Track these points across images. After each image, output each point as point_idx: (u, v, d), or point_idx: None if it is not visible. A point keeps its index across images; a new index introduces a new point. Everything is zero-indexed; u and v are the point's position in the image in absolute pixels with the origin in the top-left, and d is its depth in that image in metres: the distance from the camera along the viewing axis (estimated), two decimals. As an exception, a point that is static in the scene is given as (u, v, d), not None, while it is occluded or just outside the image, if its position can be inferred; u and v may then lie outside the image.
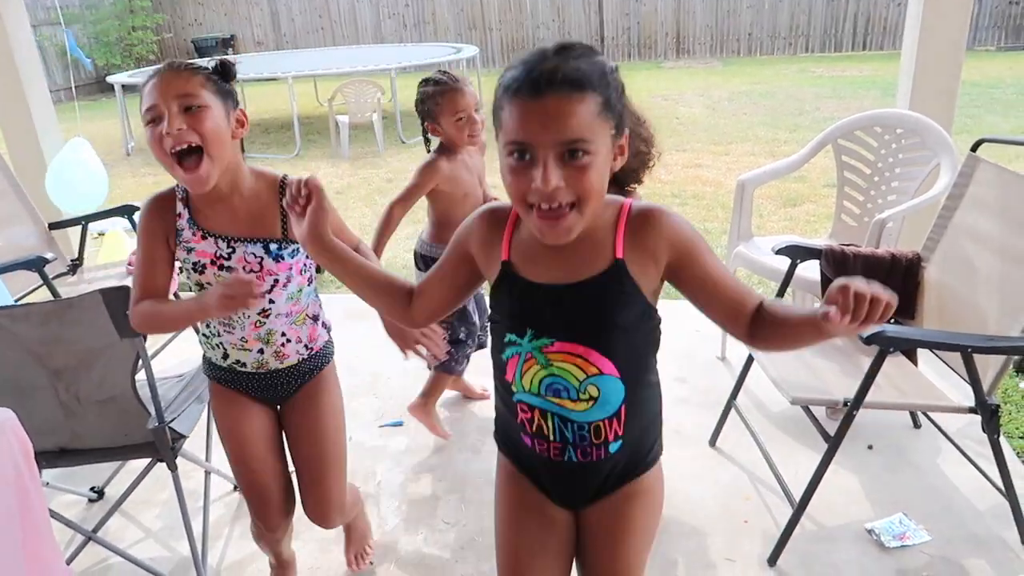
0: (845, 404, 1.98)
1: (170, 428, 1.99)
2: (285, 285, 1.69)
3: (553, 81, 1.04)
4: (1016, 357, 2.39)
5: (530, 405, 1.28)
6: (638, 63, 13.99)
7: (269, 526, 1.87)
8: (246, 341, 1.72)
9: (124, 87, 8.94)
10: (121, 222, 3.64)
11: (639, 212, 1.20)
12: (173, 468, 2.04)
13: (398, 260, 4.80)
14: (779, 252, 2.46)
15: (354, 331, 2.88)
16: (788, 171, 3.11)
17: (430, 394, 2.73)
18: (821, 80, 10.87)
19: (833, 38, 13.58)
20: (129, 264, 3.40)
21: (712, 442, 2.65)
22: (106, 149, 8.27)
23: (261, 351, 1.73)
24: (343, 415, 1.92)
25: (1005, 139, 2.37)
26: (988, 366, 2.01)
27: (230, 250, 1.63)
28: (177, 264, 1.68)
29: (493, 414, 1.50)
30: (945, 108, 3.12)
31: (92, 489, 2.55)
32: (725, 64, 13.13)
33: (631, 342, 1.23)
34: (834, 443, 2.01)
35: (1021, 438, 2.65)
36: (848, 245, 2.52)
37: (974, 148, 2.36)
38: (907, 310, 2.42)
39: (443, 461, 2.65)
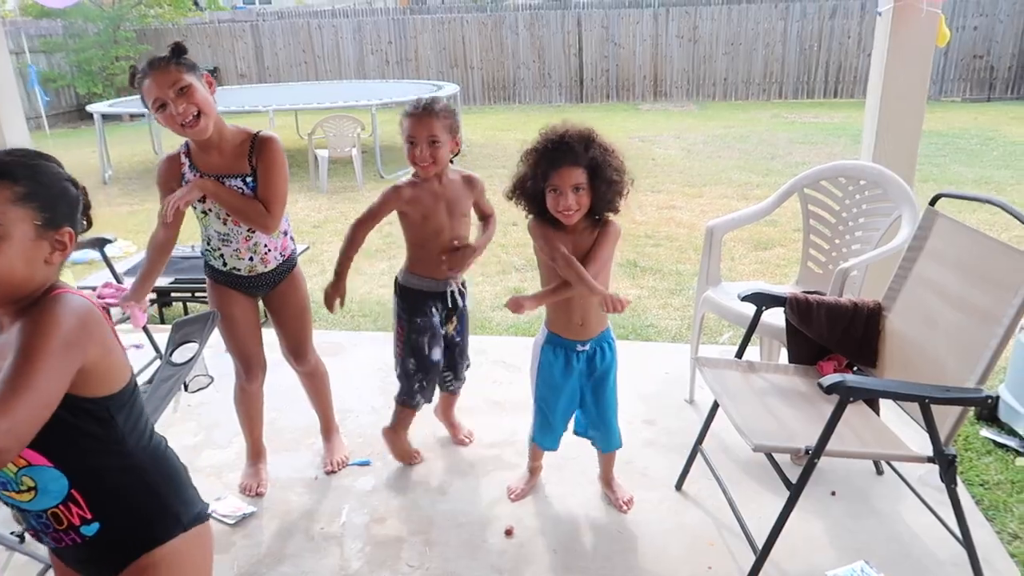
0: (807, 452, 1.99)
1: None
2: None
3: None
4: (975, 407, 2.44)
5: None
6: (616, 104, 14.22)
7: (249, 376, 2.60)
8: (240, 251, 2.44)
9: (104, 116, 8.90)
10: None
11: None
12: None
13: (372, 296, 4.79)
14: (744, 299, 2.49)
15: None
16: (756, 218, 3.17)
17: (396, 426, 2.75)
18: (794, 126, 11.12)
19: (806, 85, 13.91)
20: (99, 297, 3.36)
21: (678, 486, 2.65)
22: (82, 177, 8.17)
23: (251, 258, 2.46)
24: (308, 297, 2.66)
25: (962, 195, 2.45)
26: (946, 416, 2.04)
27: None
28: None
29: (465, 456, 1.50)
30: (907, 160, 3.19)
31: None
32: (701, 108, 13.38)
33: (61, 434, 1.24)
34: (796, 491, 2.02)
35: (981, 485, 2.68)
36: (812, 293, 2.56)
37: (933, 202, 2.43)
38: (869, 358, 2.46)
39: (409, 502, 2.62)
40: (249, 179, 2.34)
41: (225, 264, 2.48)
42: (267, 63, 15.17)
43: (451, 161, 2.54)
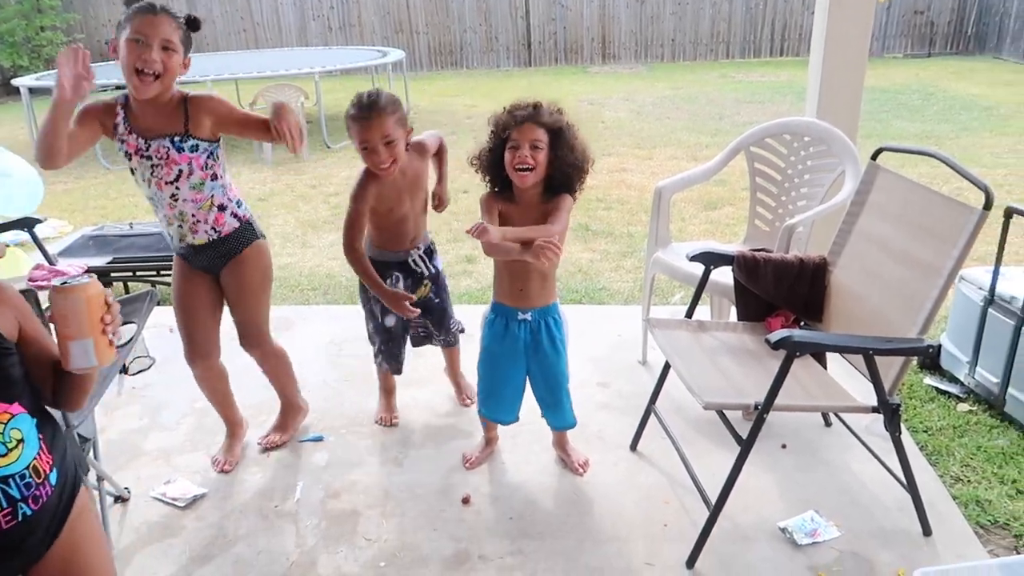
0: (756, 407, 2.02)
1: (78, 434, 1.92)
2: (188, 176, 2.29)
3: None
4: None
5: None
6: (565, 68, 14.11)
7: (191, 357, 2.51)
8: (168, 218, 2.37)
9: (31, 90, 8.52)
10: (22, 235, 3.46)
11: None
12: (85, 472, 1.97)
13: (321, 269, 4.71)
14: (693, 259, 2.51)
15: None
16: (704, 178, 3.18)
17: (380, 386, 2.93)
18: (741, 85, 11.18)
19: (752, 44, 13.97)
20: (30, 280, 3.24)
21: (633, 447, 2.68)
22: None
23: (180, 226, 2.37)
24: (267, 278, 2.54)
25: (903, 148, 2.48)
26: (890, 366, 2.09)
27: (147, 145, 2.26)
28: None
29: (420, 427, 1.50)
30: (850, 116, 3.23)
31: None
32: (649, 69, 13.36)
33: (28, 380, 1.38)
34: (746, 446, 2.05)
35: (925, 431, 2.76)
36: (759, 250, 2.58)
37: (874, 156, 2.46)
38: (815, 313, 2.50)
39: (364, 476, 2.60)
40: (177, 139, 2.26)
41: (167, 231, 2.45)
42: (204, 31, 14.53)
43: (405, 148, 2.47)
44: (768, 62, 13.58)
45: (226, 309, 2.57)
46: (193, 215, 2.35)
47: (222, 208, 2.40)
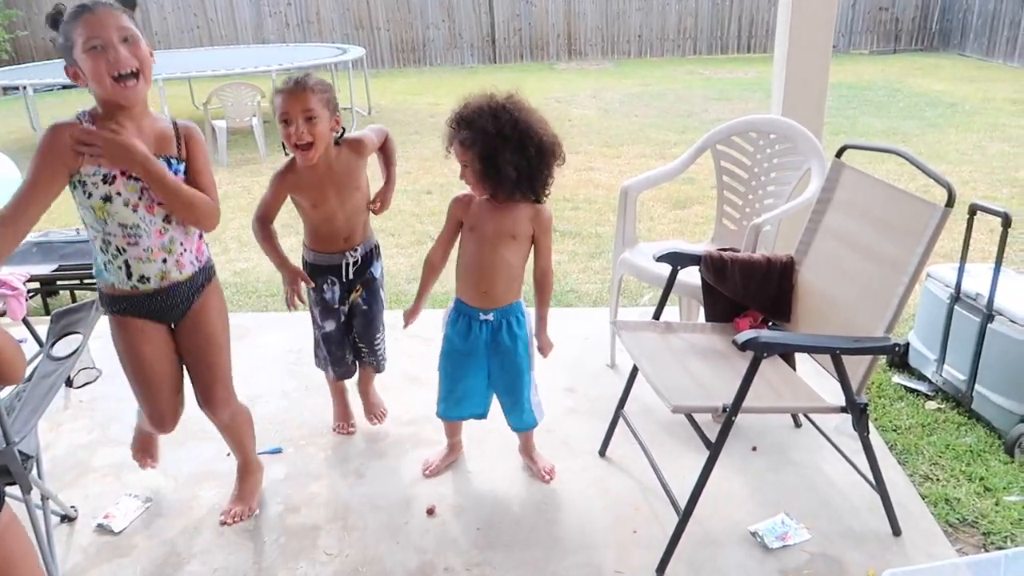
0: (724, 410, 2.04)
1: (19, 451, 1.88)
2: None
3: None
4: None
5: None
6: (531, 64, 14.15)
7: (163, 431, 2.33)
8: (151, 251, 2.06)
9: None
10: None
11: None
12: (27, 490, 1.97)
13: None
14: (660, 259, 2.52)
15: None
16: (669, 177, 3.20)
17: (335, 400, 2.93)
18: (709, 82, 11.31)
19: (719, 40, 14.14)
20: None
21: (601, 452, 2.68)
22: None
23: (164, 260, 2.09)
24: (228, 323, 2.32)
25: (866, 145, 2.52)
26: (858, 366, 2.12)
27: None
28: (82, 185, 1.95)
29: (381, 436, 1.48)
30: (815, 113, 3.28)
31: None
32: (617, 66, 13.45)
33: None
34: (715, 450, 2.06)
35: (894, 431, 2.81)
36: (726, 250, 2.60)
37: (839, 154, 2.49)
38: (783, 313, 2.53)
39: (324, 487, 2.57)
40: (173, 162, 2.04)
41: (130, 275, 2.07)
42: (155, 28, 14.40)
43: (337, 143, 2.44)
44: (736, 58, 13.75)
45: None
46: (182, 243, 2.11)
47: (200, 235, 2.21)
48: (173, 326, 2.22)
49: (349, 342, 2.75)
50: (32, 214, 1.88)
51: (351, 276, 2.60)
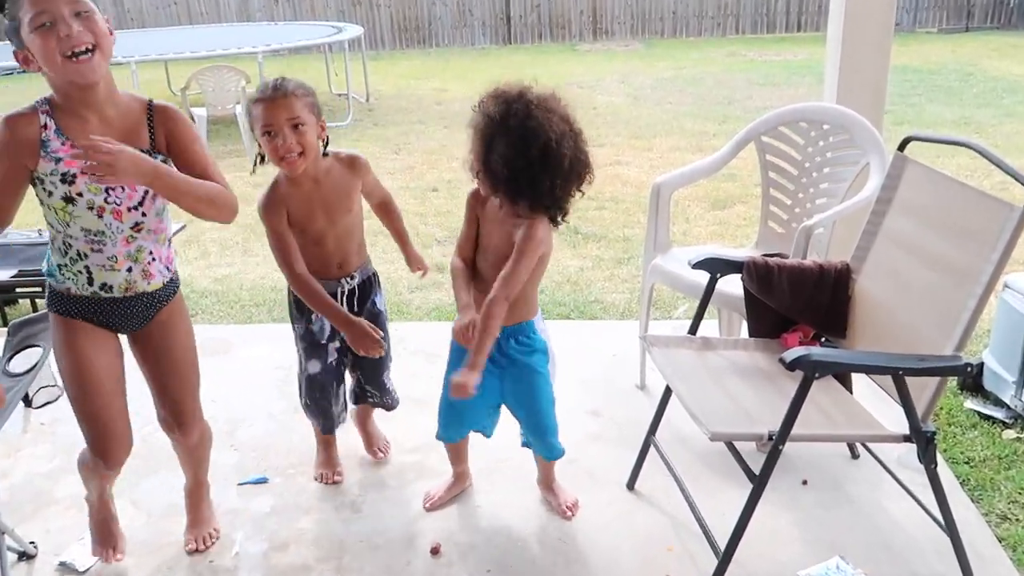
0: (770, 438, 2.04)
1: None
2: (154, 199, 2.07)
3: None
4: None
5: None
6: (550, 45, 14.21)
7: (112, 463, 2.22)
8: (116, 260, 2.06)
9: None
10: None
11: None
12: None
13: (266, 282, 4.70)
14: (696, 266, 2.52)
15: (208, 369, 2.76)
16: (708, 173, 3.21)
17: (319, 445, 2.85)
18: (753, 65, 11.32)
19: (765, 18, 14.16)
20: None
21: (630, 485, 2.69)
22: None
23: (130, 269, 2.09)
24: (194, 335, 2.33)
25: (933, 137, 2.51)
26: (923, 388, 2.11)
27: None
28: (40, 183, 1.96)
29: (381, 465, 1.48)
30: (874, 100, 3.28)
31: None
32: (648, 47, 13.49)
33: None
34: (759, 483, 2.06)
35: (966, 463, 2.79)
36: (773, 255, 2.61)
37: (902, 147, 2.49)
38: (837, 327, 2.52)
39: (315, 524, 2.59)
40: (144, 152, 1.99)
41: (91, 281, 2.07)
42: (127, 5, 14.61)
43: (324, 153, 2.43)
44: (784, 38, 13.75)
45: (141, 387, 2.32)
46: (151, 251, 2.12)
47: (169, 242, 2.22)
48: (129, 337, 2.22)
49: (335, 391, 2.69)
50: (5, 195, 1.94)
51: (353, 308, 2.58)
